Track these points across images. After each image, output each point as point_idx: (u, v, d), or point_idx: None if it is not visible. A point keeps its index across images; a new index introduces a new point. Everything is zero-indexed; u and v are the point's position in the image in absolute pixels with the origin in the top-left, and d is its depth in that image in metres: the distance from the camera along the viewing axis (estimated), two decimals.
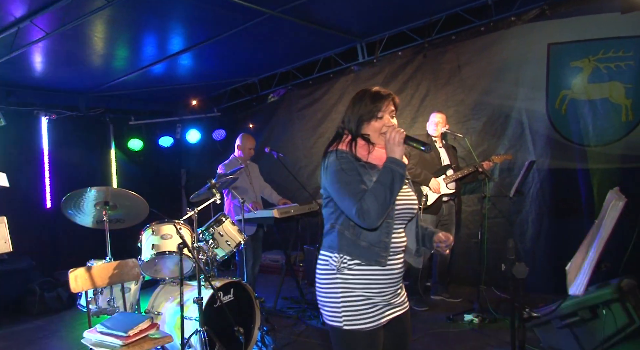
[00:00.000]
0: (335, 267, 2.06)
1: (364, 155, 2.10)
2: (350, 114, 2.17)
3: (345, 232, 2.07)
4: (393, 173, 1.99)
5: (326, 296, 2.09)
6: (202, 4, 4.59)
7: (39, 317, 5.48)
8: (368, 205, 1.94)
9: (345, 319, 2.03)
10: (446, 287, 5.37)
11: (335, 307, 2.05)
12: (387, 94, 2.16)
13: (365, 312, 2.04)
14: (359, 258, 2.04)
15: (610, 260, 4.40)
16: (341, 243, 2.07)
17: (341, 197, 2.02)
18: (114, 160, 7.57)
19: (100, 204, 3.83)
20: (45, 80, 6.28)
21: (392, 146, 2.03)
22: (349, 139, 2.13)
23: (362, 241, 2.05)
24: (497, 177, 5.44)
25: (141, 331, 3.02)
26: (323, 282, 2.10)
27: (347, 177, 2.01)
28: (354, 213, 1.96)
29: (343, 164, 2.03)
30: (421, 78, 6.08)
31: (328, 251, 2.11)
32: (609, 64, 4.90)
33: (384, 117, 2.13)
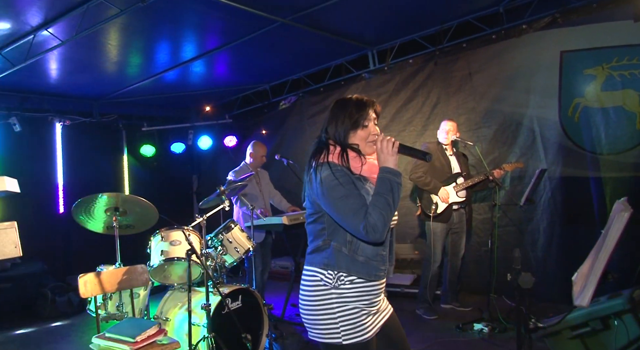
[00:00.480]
0: (331, 284, 2.00)
1: (357, 167, 2.05)
2: (335, 124, 2.10)
3: (342, 249, 2.01)
4: (391, 183, 1.95)
5: (318, 314, 2.02)
6: (214, 11, 4.65)
7: (50, 321, 5.53)
8: (375, 220, 1.89)
9: (344, 334, 1.99)
10: (456, 295, 5.32)
11: (332, 324, 2.00)
12: (371, 101, 2.13)
13: (362, 324, 2.01)
14: (358, 274, 2.00)
15: (622, 271, 4.37)
16: (338, 260, 2.01)
17: (342, 214, 1.95)
18: (127, 166, 7.66)
19: (111, 210, 3.88)
20: (59, 87, 6.38)
21: (386, 156, 2.00)
22: (339, 150, 2.06)
23: (360, 256, 2.01)
24: (508, 186, 5.40)
25: (149, 337, 3.04)
26: (314, 299, 2.04)
27: (346, 192, 1.94)
28: (361, 229, 1.90)
29: (340, 177, 1.96)
30: (432, 86, 6.07)
31: (320, 268, 2.04)
32: (623, 72, 4.85)
33: (369, 125, 2.09)
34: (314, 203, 2.06)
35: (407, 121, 6.24)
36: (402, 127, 6.27)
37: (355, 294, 2.01)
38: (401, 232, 6.24)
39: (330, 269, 2.01)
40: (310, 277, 2.07)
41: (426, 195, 5.00)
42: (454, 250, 5.14)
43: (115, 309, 3.73)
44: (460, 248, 5.16)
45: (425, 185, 4.92)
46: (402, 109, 6.28)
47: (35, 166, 6.51)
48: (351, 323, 1.99)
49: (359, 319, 2.00)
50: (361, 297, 2.02)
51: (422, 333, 4.56)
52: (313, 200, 2.06)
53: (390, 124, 6.37)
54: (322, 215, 2.05)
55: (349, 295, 2.00)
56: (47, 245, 6.39)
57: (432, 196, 4.95)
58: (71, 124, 6.75)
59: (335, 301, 2.00)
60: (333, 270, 2.01)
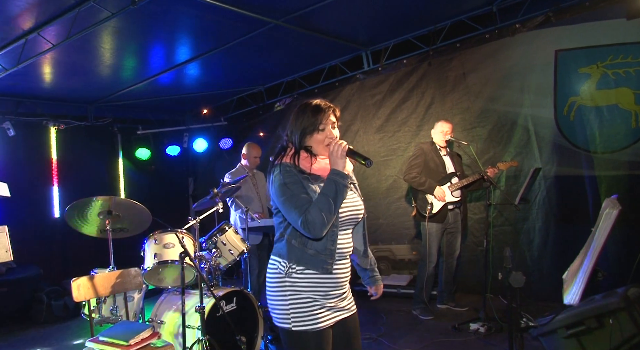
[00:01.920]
0: (284, 272, 2.13)
1: (307, 167, 2.18)
2: (293, 127, 2.23)
3: (292, 241, 2.16)
4: (336, 185, 2.07)
5: (275, 299, 2.16)
6: (206, 14, 4.64)
7: (46, 325, 5.52)
8: (313, 217, 2.03)
9: (293, 320, 2.11)
10: (452, 295, 5.32)
11: (284, 310, 2.12)
12: (327, 107, 2.23)
13: (312, 313, 2.12)
14: (306, 266, 2.13)
15: (617, 270, 4.37)
16: (289, 251, 2.15)
17: (287, 210, 2.10)
18: (122, 170, 7.64)
19: (104, 214, 3.86)
20: (53, 91, 6.37)
21: (335, 159, 2.11)
22: (293, 151, 2.21)
23: (309, 249, 2.14)
24: (503, 185, 5.40)
25: (142, 340, 3.01)
26: (272, 285, 2.18)
27: (291, 190, 2.09)
28: (299, 224, 2.05)
29: (286, 177, 2.12)
30: (426, 86, 6.07)
31: (277, 257, 2.19)
32: (617, 70, 4.86)
33: (325, 129, 2.20)
34: (272, 200, 2.21)
35: (402, 121, 6.23)
36: (397, 128, 6.27)
37: (308, 284, 2.13)
38: (398, 233, 6.24)
39: (285, 259, 2.15)
40: (271, 265, 2.22)
41: (421, 196, 4.99)
42: (449, 250, 5.13)
43: (109, 312, 3.72)
44: (455, 248, 5.15)
45: (420, 186, 4.91)
46: (397, 110, 6.27)
47: (30, 170, 6.50)
48: (301, 311, 2.11)
49: (310, 309, 2.11)
50: (314, 288, 2.14)
51: (418, 333, 4.56)
52: (271, 197, 2.21)
53: (384, 125, 6.36)
54: (279, 210, 2.19)
55: (301, 284, 2.13)
56: (43, 249, 6.37)
57: (427, 196, 4.95)
58: (66, 127, 6.73)
59: (288, 289, 2.12)
60: (285, 260, 2.15)
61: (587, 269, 2.23)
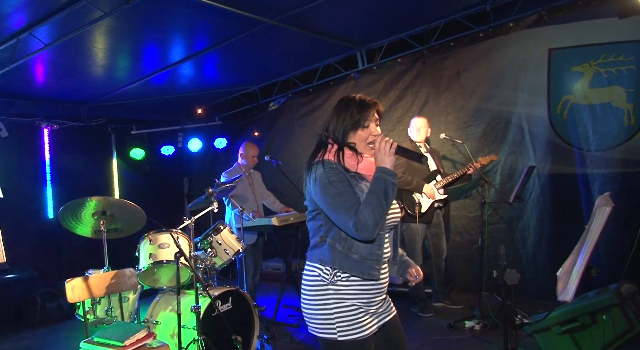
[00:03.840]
0: (328, 280, 2.02)
1: (352, 165, 2.07)
2: (336, 123, 2.12)
3: (336, 245, 2.02)
4: (386, 183, 1.97)
5: (316, 309, 2.04)
6: (200, 13, 4.63)
7: (40, 327, 5.48)
8: (365, 218, 1.90)
9: (339, 330, 2.00)
10: (447, 294, 5.34)
11: (328, 319, 2.01)
12: (373, 102, 2.13)
13: (358, 321, 2.01)
14: (352, 271, 2.01)
15: (610, 266, 4.39)
16: (333, 256, 2.02)
17: (334, 211, 1.97)
18: (116, 170, 7.60)
19: (98, 214, 3.85)
20: (46, 91, 6.33)
21: (383, 156, 2.01)
22: (335, 148, 2.09)
23: (354, 254, 2.01)
24: (497, 183, 5.42)
25: (138, 341, 3.01)
26: (313, 294, 2.06)
27: (339, 189, 1.96)
28: (351, 226, 1.91)
29: (333, 175, 1.98)
30: (421, 85, 6.08)
31: (318, 264, 2.07)
32: (610, 69, 4.88)
33: (369, 126, 2.10)
34: (312, 200, 2.09)
35: (397, 120, 6.24)
36: (392, 127, 6.27)
37: (353, 292, 2.02)
38: None
39: (328, 265, 2.03)
40: (310, 272, 2.09)
41: (408, 196, 4.98)
42: (436, 252, 5.15)
43: (104, 313, 3.70)
44: (442, 249, 5.18)
45: (407, 185, 4.90)
46: (392, 109, 6.28)
47: (24, 171, 6.45)
48: (347, 320, 2.00)
49: (356, 317, 2.01)
50: (359, 295, 2.03)
51: (413, 332, 4.56)
52: (311, 197, 2.09)
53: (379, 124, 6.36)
54: (319, 213, 2.07)
55: (346, 292, 2.01)
56: (36, 250, 6.32)
57: (414, 196, 4.95)
58: (59, 128, 6.70)
59: (332, 297, 2.01)
60: (330, 266, 2.02)
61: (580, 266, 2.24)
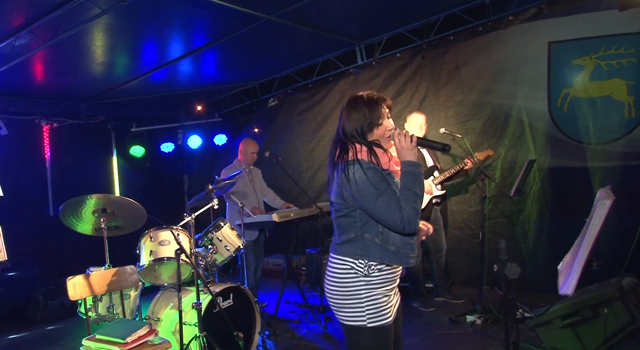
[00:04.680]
0: (362, 273, 2.14)
1: (385, 163, 2.17)
2: (352, 125, 2.19)
3: (375, 240, 2.14)
4: (416, 176, 2.10)
5: (347, 299, 2.16)
6: (198, 10, 4.62)
7: (42, 325, 5.49)
8: (409, 213, 2.03)
9: (369, 317, 2.12)
10: (448, 288, 5.34)
11: (359, 308, 2.14)
12: (381, 99, 2.21)
13: (385, 308, 2.15)
14: (392, 262, 2.15)
15: (611, 260, 4.39)
16: (372, 250, 2.13)
17: (379, 210, 2.06)
18: (116, 167, 7.60)
19: (98, 212, 3.84)
20: (45, 89, 6.32)
21: (406, 150, 2.11)
22: (366, 148, 2.16)
23: (391, 246, 2.14)
24: (498, 178, 5.41)
25: (140, 338, 3.01)
26: (344, 285, 2.16)
27: (380, 189, 2.06)
28: (397, 223, 2.03)
29: (373, 176, 2.07)
30: (420, 79, 6.07)
31: (351, 258, 2.16)
32: (610, 61, 4.86)
33: (383, 122, 2.19)
34: (346, 199, 2.15)
35: (396, 115, 6.22)
36: None
37: (382, 281, 2.16)
38: None
39: (363, 259, 2.14)
40: (341, 265, 2.19)
41: None
42: (436, 248, 5.15)
43: (105, 310, 3.70)
44: (442, 245, 5.18)
45: None
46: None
47: (24, 169, 6.44)
48: (376, 307, 2.13)
49: (383, 304, 2.15)
50: (385, 283, 2.17)
51: (415, 326, 4.57)
52: (343, 195, 2.15)
53: None
54: (354, 210, 2.15)
55: (376, 282, 2.15)
56: (38, 248, 6.32)
57: None
58: (59, 126, 6.69)
59: (363, 287, 2.14)
60: (365, 259, 2.13)
61: (581, 260, 2.24)
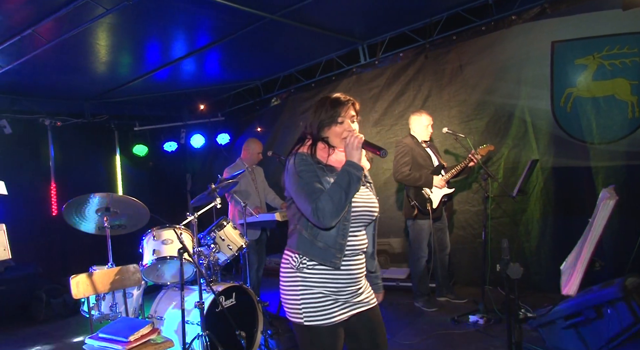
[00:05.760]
0: (295, 267, 2.13)
1: (323, 157, 2.20)
2: (312, 119, 2.26)
3: (303, 232, 2.15)
4: (350, 175, 2.07)
5: (287, 293, 2.17)
6: (201, 9, 4.62)
7: (45, 323, 5.52)
8: (323, 205, 2.03)
9: (305, 315, 2.11)
10: (451, 288, 5.33)
11: (296, 304, 2.13)
12: (347, 100, 2.24)
13: (324, 308, 2.11)
14: (315, 258, 2.12)
15: (615, 259, 4.38)
16: (299, 243, 2.16)
17: (299, 198, 2.11)
18: (119, 166, 7.63)
19: (102, 210, 3.85)
20: (49, 88, 6.35)
21: (351, 150, 2.12)
22: (310, 142, 2.23)
23: (319, 242, 2.13)
24: (501, 177, 5.40)
25: (142, 336, 3.02)
26: (284, 280, 2.19)
27: (304, 179, 2.11)
28: (309, 212, 2.05)
29: (301, 165, 2.13)
30: (423, 79, 6.06)
31: (290, 251, 2.20)
32: (614, 61, 4.85)
33: (344, 122, 2.22)
34: (287, 189, 2.22)
35: (399, 115, 6.23)
36: (394, 121, 6.26)
37: (319, 280, 2.12)
38: (396, 226, 6.24)
39: (296, 252, 2.15)
40: (284, 258, 2.22)
41: (419, 192, 4.96)
42: (441, 247, 5.14)
43: (108, 309, 3.72)
44: (446, 244, 5.17)
45: (416, 181, 4.88)
46: (394, 103, 6.27)
47: (27, 168, 6.48)
48: (313, 306, 2.10)
49: (322, 304, 2.11)
50: (326, 283, 2.12)
51: (417, 326, 4.57)
52: (286, 187, 2.22)
53: (382, 118, 6.36)
54: (293, 201, 2.20)
55: (313, 279, 2.12)
56: (41, 247, 6.36)
57: (423, 192, 4.93)
58: (62, 125, 6.72)
59: (300, 283, 2.12)
60: (297, 252, 2.15)
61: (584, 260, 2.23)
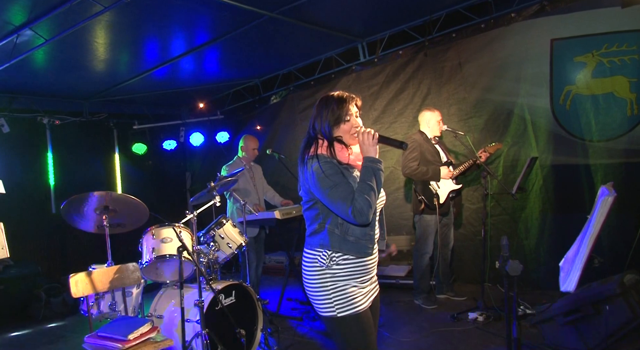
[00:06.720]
0: (325, 264, 2.23)
1: (344, 157, 2.28)
2: (319, 120, 2.31)
3: (335, 231, 2.24)
4: (374, 171, 2.18)
5: (317, 291, 2.26)
6: (200, 7, 4.61)
7: (45, 322, 5.51)
8: (361, 205, 2.11)
9: (337, 307, 2.22)
10: (451, 285, 5.34)
11: (327, 299, 2.24)
12: (350, 97, 2.32)
13: (353, 297, 2.23)
14: (349, 252, 2.23)
15: (614, 256, 4.39)
16: (332, 240, 2.23)
17: (333, 201, 2.17)
18: (119, 165, 7.62)
19: (101, 209, 3.84)
20: (48, 87, 6.32)
21: (368, 147, 2.22)
22: (326, 144, 2.28)
23: (350, 236, 2.23)
24: (500, 175, 5.40)
25: (142, 335, 3.02)
26: (313, 278, 2.28)
27: (335, 181, 2.17)
28: (349, 213, 2.12)
29: (328, 169, 2.19)
30: (422, 77, 6.06)
31: (317, 249, 2.27)
32: (613, 58, 4.85)
33: (350, 119, 2.29)
34: (309, 192, 2.28)
35: (399, 112, 6.22)
36: (394, 119, 6.26)
37: (348, 273, 2.24)
38: (396, 224, 6.25)
39: (325, 249, 2.24)
40: (309, 257, 2.30)
41: (427, 187, 4.96)
42: (444, 242, 5.14)
43: (108, 308, 3.71)
44: (450, 240, 5.17)
45: (424, 175, 4.88)
46: (393, 101, 6.26)
47: (26, 167, 6.47)
48: (344, 297, 2.22)
49: (351, 294, 2.23)
50: (352, 275, 2.25)
51: (417, 323, 4.58)
52: (307, 189, 2.27)
53: (381, 116, 6.35)
54: (316, 202, 2.27)
55: (341, 274, 2.24)
56: (40, 246, 6.36)
57: (431, 187, 4.93)
58: (61, 123, 6.70)
59: (329, 279, 2.24)
60: (327, 250, 2.24)
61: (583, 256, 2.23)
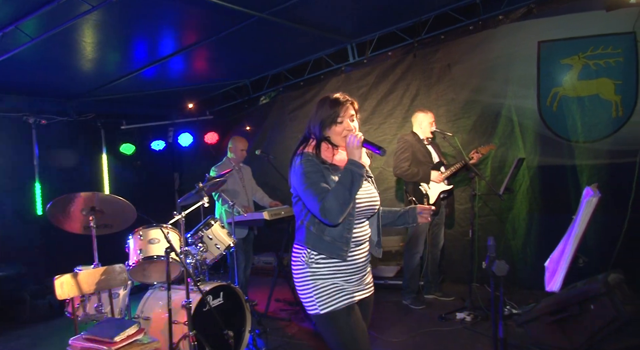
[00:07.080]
0: (304, 262, 2.27)
1: (328, 157, 2.31)
2: (314, 119, 2.35)
3: (311, 228, 2.28)
4: (352, 174, 2.17)
5: (301, 287, 2.30)
6: (190, 7, 4.59)
7: (29, 325, 5.42)
8: (330, 204, 2.14)
9: (320, 304, 2.23)
10: (439, 285, 5.37)
11: (310, 296, 2.26)
12: (346, 100, 2.33)
13: (335, 294, 2.24)
14: (323, 252, 2.25)
15: (599, 255, 4.44)
16: (308, 238, 2.28)
17: (307, 197, 2.21)
18: (106, 165, 7.54)
19: (87, 210, 3.80)
20: (34, 86, 6.24)
21: (352, 149, 2.21)
22: (315, 142, 2.32)
23: (326, 236, 2.26)
24: (488, 176, 5.44)
25: (129, 337, 2.99)
26: (296, 274, 2.32)
27: (311, 178, 2.21)
28: (317, 211, 2.16)
29: (308, 166, 2.24)
30: (411, 78, 6.09)
31: (299, 246, 2.33)
32: (598, 61, 4.93)
33: (343, 121, 2.30)
34: (294, 187, 2.32)
35: (388, 113, 6.24)
36: (383, 120, 6.28)
37: (328, 272, 2.26)
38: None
39: (305, 247, 2.28)
40: (294, 253, 2.35)
41: (416, 188, 4.98)
42: (434, 242, 5.17)
43: (94, 310, 3.67)
44: (440, 240, 5.20)
45: (414, 176, 4.90)
46: (383, 102, 6.28)
47: (11, 167, 6.36)
48: (324, 295, 2.23)
49: (333, 292, 2.24)
50: (334, 275, 2.26)
51: (405, 323, 4.59)
52: (293, 185, 2.32)
53: (370, 117, 6.37)
54: (299, 199, 2.32)
55: (322, 272, 2.26)
56: (25, 247, 6.25)
57: (421, 188, 4.95)
58: (47, 123, 6.61)
59: (310, 277, 2.26)
60: (308, 248, 2.27)
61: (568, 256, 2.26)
